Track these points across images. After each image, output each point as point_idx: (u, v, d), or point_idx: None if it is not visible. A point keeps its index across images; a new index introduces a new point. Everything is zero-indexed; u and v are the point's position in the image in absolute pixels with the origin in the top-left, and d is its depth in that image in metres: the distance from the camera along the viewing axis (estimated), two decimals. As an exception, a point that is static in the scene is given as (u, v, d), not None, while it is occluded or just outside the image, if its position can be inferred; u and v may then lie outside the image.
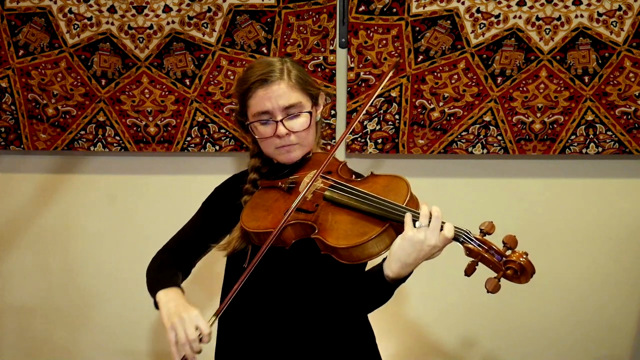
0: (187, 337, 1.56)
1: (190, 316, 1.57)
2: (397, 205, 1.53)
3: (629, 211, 2.81)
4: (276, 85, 1.70)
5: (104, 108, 2.72)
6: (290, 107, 1.70)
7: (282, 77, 1.71)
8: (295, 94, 1.71)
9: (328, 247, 1.54)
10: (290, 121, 1.71)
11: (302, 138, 1.73)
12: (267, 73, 1.70)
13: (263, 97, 1.70)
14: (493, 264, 1.46)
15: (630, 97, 2.67)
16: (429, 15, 2.63)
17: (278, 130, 1.70)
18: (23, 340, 2.91)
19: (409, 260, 1.50)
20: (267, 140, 1.73)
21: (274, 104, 1.69)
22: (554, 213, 2.82)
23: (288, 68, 1.73)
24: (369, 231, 1.52)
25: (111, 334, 2.88)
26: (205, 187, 2.81)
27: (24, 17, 2.68)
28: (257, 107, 1.71)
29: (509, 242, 1.47)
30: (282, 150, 1.73)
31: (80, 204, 2.84)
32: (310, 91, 1.75)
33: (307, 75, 1.78)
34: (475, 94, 2.68)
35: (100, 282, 2.86)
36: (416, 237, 1.47)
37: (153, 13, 2.67)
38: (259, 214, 1.68)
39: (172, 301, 1.64)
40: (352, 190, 1.60)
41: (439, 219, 1.49)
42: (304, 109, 1.72)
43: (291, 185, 1.71)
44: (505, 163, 2.79)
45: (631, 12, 2.62)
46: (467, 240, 1.48)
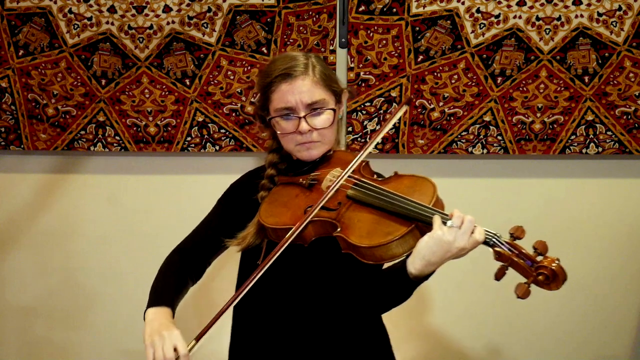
0: (164, 356, 1.56)
1: (170, 335, 1.58)
2: (424, 206, 1.51)
3: (629, 211, 2.81)
4: (300, 81, 1.66)
5: (104, 108, 2.72)
6: (313, 104, 1.67)
7: (307, 73, 1.67)
8: (319, 90, 1.68)
9: (350, 246, 1.52)
10: (313, 118, 1.68)
11: (324, 136, 1.70)
12: (292, 67, 1.67)
13: (286, 92, 1.67)
14: (523, 269, 1.44)
15: (630, 97, 2.67)
16: (429, 15, 2.63)
17: (300, 126, 1.67)
18: (23, 340, 2.91)
19: (434, 259, 1.48)
20: (288, 136, 1.70)
21: (298, 99, 1.66)
22: (553, 213, 2.82)
23: (313, 63, 1.69)
24: (393, 231, 1.50)
25: (111, 334, 2.88)
26: (205, 187, 2.82)
27: (24, 17, 2.68)
28: (280, 101, 1.68)
29: (540, 248, 1.46)
30: (303, 147, 1.70)
31: (80, 204, 2.84)
32: (334, 88, 1.72)
33: (331, 71, 1.74)
34: (475, 94, 2.68)
35: (100, 282, 2.86)
36: (445, 237, 1.46)
37: (153, 13, 2.67)
38: (277, 209, 1.66)
39: (157, 320, 1.65)
40: (377, 189, 1.58)
41: (472, 222, 1.47)
42: (328, 106, 1.69)
43: (312, 182, 1.69)
44: (505, 163, 2.79)
45: (631, 12, 2.62)
46: (497, 244, 1.47)
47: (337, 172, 1.67)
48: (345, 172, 1.61)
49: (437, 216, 1.48)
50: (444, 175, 2.78)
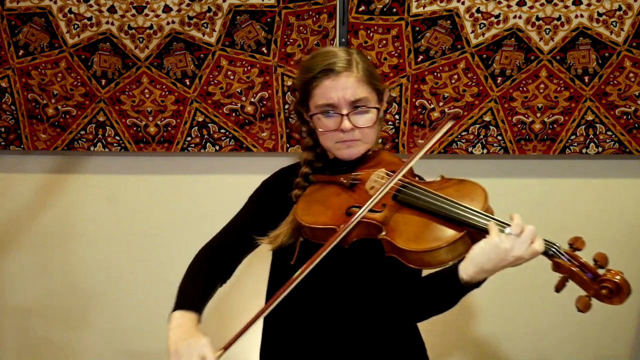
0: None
1: (197, 343, 1.50)
2: (477, 211, 1.46)
3: (629, 211, 2.81)
4: (344, 77, 1.62)
5: (104, 108, 2.72)
6: (356, 101, 1.63)
7: (351, 69, 1.63)
8: (362, 87, 1.63)
9: (396, 249, 1.48)
10: (355, 116, 1.63)
11: (365, 134, 1.66)
12: (335, 63, 1.63)
13: (329, 88, 1.62)
14: (584, 282, 1.41)
15: (630, 97, 2.67)
16: (429, 15, 2.63)
17: (343, 124, 1.62)
18: (23, 340, 2.91)
19: (488, 266, 1.44)
20: (328, 133, 1.66)
21: (341, 96, 1.62)
22: (553, 213, 2.82)
23: (356, 60, 1.65)
24: (444, 236, 1.45)
25: (111, 334, 2.88)
26: (205, 187, 2.82)
27: (24, 17, 2.68)
28: (322, 98, 1.64)
29: (600, 260, 1.43)
30: (343, 145, 1.66)
31: (80, 204, 2.84)
32: (377, 86, 1.68)
33: (373, 68, 1.70)
34: (475, 94, 2.68)
35: (100, 282, 2.86)
36: (502, 245, 1.41)
37: (153, 13, 2.67)
38: (316, 208, 1.61)
39: (182, 327, 1.56)
40: (427, 192, 1.54)
41: (533, 231, 1.43)
42: (370, 104, 1.65)
43: (354, 182, 1.64)
44: (505, 163, 2.79)
45: (631, 12, 2.62)
46: (556, 255, 1.44)
47: (382, 172, 1.63)
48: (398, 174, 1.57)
49: (492, 222, 1.44)
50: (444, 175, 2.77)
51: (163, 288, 2.87)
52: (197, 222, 2.83)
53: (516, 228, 1.43)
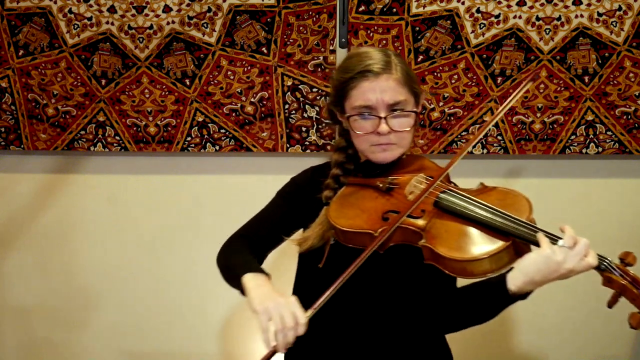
0: (283, 323, 1.42)
1: (287, 302, 1.44)
2: (525, 222, 1.43)
3: (629, 211, 2.81)
4: (383, 79, 1.59)
5: (104, 108, 2.72)
6: (395, 104, 1.60)
7: (391, 71, 1.59)
8: (401, 90, 1.60)
9: (436, 257, 1.44)
10: (393, 119, 1.59)
11: (401, 138, 1.62)
12: (374, 64, 1.59)
13: (368, 90, 1.58)
14: (636, 298, 1.40)
15: (630, 97, 2.67)
16: (429, 15, 2.63)
17: (380, 127, 1.59)
18: (23, 340, 2.91)
19: (538, 277, 1.41)
20: (364, 135, 1.62)
21: (379, 98, 1.58)
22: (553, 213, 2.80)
23: (395, 61, 1.61)
24: (488, 246, 1.42)
25: (111, 334, 2.88)
26: (205, 187, 2.82)
27: (24, 17, 2.68)
28: (360, 99, 1.60)
29: None
30: (378, 149, 1.62)
31: (80, 204, 2.84)
32: (415, 89, 1.64)
33: (412, 71, 1.67)
34: (475, 94, 2.68)
35: (100, 282, 2.86)
36: (555, 257, 1.39)
37: (153, 13, 2.67)
38: (350, 212, 1.57)
39: (264, 286, 1.50)
40: (469, 200, 1.50)
41: (587, 245, 1.40)
42: (408, 107, 1.62)
43: (391, 186, 1.60)
44: (505, 163, 2.79)
45: (631, 12, 2.62)
46: (608, 269, 1.42)
47: (422, 177, 1.60)
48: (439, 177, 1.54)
49: (541, 234, 1.41)
50: (444, 175, 2.77)
51: (163, 288, 2.89)
52: (197, 222, 2.83)
53: (569, 240, 1.40)
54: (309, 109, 2.69)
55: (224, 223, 2.80)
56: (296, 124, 2.70)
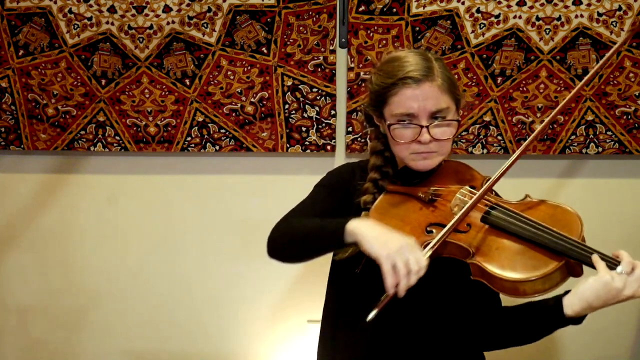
0: (408, 267, 1.36)
1: (408, 244, 1.39)
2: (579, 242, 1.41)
3: (629, 211, 2.81)
4: (427, 86, 1.53)
5: (104, 108, 2.72)
6: (437, 112, 1.54)
7: (434, 78, 1.54)
8: (444, 97, 1.55)
9: (487, 275, 1.41)
10: (435, 128, 1.54)
11: (442, 146, 1.58)
12: (417, 70, 1.53)
13: (410, 97, 1.53)
14: None
15: (630, 97, 2.67)
16: (429, 15, 2.63)
17: (422, 136, 1.54)
18: (22, 340, 2.91)
19: (596, 303, 1.41)
20: (404, 144, 1.57)
21: (422, 106, 1.52)
22: (554, 213, 2.81)
23: (437, 67, 1.56)
24: (542, 266, 1.39)
25: (111, 334, 2.88)
26: (205, 187, 2.82)
27: (24, 17, 2.68)
28: (401, 107, 1.54)
29: None
30: (418, 157, 1.57)
31: (80, 204, 2.84)
32: (457, 95, 1.59)
33: (453, 76, 1.62)
34: (475, 94, 2.68)
35: (100, 282, 2.86)
36: (615, 284, 1.37)
37: (153, 13, 2.67)
38: (392, 222, 1.51)
39: (377, 227, 1.42)
40: (520, 217, 1.46)
41: None
42: (450, 115, 1.57)
43: (434, 197, 1.56)
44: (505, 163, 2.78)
45: (631, 12, 2.62)
46: None
47: (466, 190, 1.57)
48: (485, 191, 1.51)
49: (597, 256, 1.39)
50: (444, 175, 2.77)
51: (163, 288, 2.88)
52: (197, 222, 2.83)
53: (627, 266, 1.38)
54: (309, 109, 2.69)
55: (224, 223, 2.83)
56: (296, 124, 2.70)
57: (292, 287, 2.80)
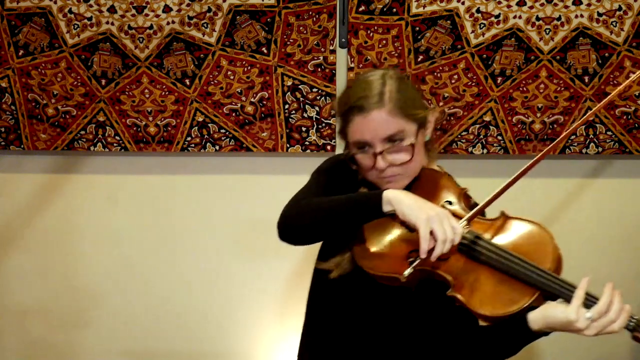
0: (445, 234, 1.40)
1: (445, 212, 1.43)
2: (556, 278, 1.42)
3: (629, 211, 2.81)
4: (375, 114, 1.52)
5: (104, 108, 2.72)
6: (391, 137, 1.53)
7: (382, 104, 1.52)
8: (397, 121, 1.53)
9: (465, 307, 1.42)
10: (391, 154, 1.54)
11: (406, 168, 1.57)
12: (365, 98, 1.53)
13: (361, 126, 1.53)
14: None
15: (630, 97, 2.67)
16: (429, 15, 2.63)
17: (377, 164, 1.53)
18: (23, 340, 2.91)
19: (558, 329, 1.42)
20: (367, 170, 1.57)
21: (373, 134, 1.52)
22: (553, 213, 2.81)
23: (390, 90, 1.54)
24: (519, 299, 1.41)
25: (111, 334, 2.88)
26: (205, 187, 2.82)
27: (24, 17, 2.68)
28: (355, 135, 1.55)
29: None
30: (384, 181, 1.57)
31: (80, 204, 2.84)
32: (415, 115, 1.56)
33: (413, 95, 1.60)
34: (475, 94, 2.68)
35: (100, 282, 2.86)
36: (577, 325, 1.38)
37: (153, 13, 2.67)
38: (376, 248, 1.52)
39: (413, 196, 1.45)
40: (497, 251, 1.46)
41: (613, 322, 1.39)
42: (407, 137, 1.54)
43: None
44: (505, 163, 2.78)
45: (631, 12, 2.62)
46: (637, 329, 1.41)
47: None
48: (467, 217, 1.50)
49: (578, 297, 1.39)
50: (444, 175, 2.77)
51: (163, 288, 2.88)
52: (197, 222, 2.83)
53: (596, 315, 1.39)
54: (309, 109, 2.69)
55: (224, 223, 2.83)
56: (296, 124, 2.70)
57: (292, 286, 2.80)
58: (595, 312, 1.39)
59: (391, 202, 1.44)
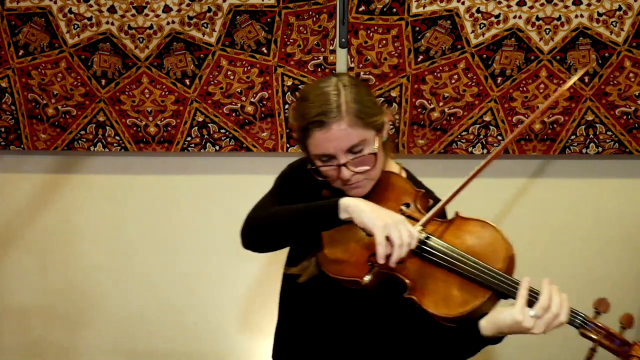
0: (401, 239, 1.43)
1: (402, 219, 1.46)
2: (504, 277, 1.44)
3: (629, 211, 2.81)
4: (335, 127, 1.53)
5: (104, 108, 2.72)
6: (353, 147, 1.55)
7: (341, 116, 1.53)
8: (357, 131, 1.55)
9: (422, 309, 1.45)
10: (354, 165, 1.56)
11: (370, 174, 1.60)
12: (325, 113, 1.53)
13: (323, 140, 1.54)
14: (613, 350, 1.43)
15: (630, 97, 2.67)
16: (429, 15, 2.63)
17: (342, 174, 1.56)
18: (23, 340, 2.91)
19: (507, 332, 1.46)
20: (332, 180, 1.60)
21: (336, 147, 1.54)
22: (553, 213, 2.82)
23: (347, 101, 1.54)
24: (471, 300, 1.44)
25: (111, 334, 2.88)
26: (205, 187, 2.82)
27: (24, 17, 2.68)
28: (317, 149, 1.56)
29: (625, 323, 1.47)
30: (350, 188, 1.60)
31: (80, 204, 2.84)
32: (374, 122, 1.58)
33: (369, 101, 1.60)
34: (475, 94, 2.68)
35: (100, 282, 2.86)
36: (524, 324, 1.42)
37: (153, 13, 2.67)
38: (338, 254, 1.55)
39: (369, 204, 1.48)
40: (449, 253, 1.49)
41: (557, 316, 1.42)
42: (368, 145, 1.57)
43: None
44: (505, 163, 2.79)
45: (631, 12, 2.62)
46: (583, 326, 1.45)
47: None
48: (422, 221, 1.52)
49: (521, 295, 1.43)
50: (444, 175, 2.77)
51: (163, 288, 2.88)
52: (197, 222, 2.83)
53: (540, 311, 1.42)
54: (309, 109, 2.69)
55: (224, 223, 2.83)
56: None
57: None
58: (539, 308, 1.42)
59: (348, 209, 1.47)
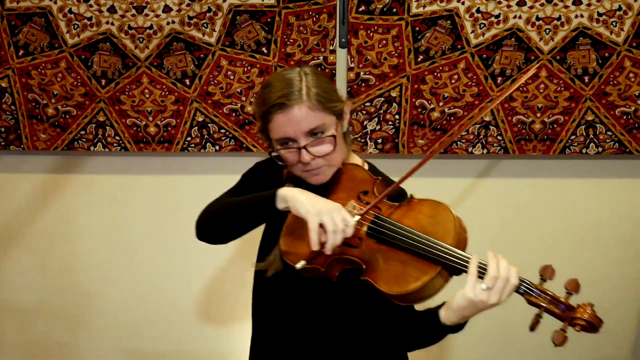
0: (335, 226, 1.46)
1: (336, 205, 1.49)
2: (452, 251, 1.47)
3: (629, 211, 2.81)
4: (296, 109, 1.56)
5: (104, 108, 2.72)
6: (313, 130, 1.58)
7: (302, 99, 1.57)
8: (317, 114, 1.58)
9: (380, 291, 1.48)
10: (314, 147, 1.59)
11: (330, 159, 1.62)
12: (286, 95, 1.57)
13: (283, 123, 1.58)
14: (557, 315, 1.46)
15: (630, 97, 2.67)
16: (429, 15, 2.63)
17: (302, 157, 1.58)
18: (23, 340, 2.91)
19: (468, 313, 1.49)
20: (292, 165, 1.63)
21: (296, 129, 1.57)
22: (554, 213, 2.81)
23: (308, 86, 1.58)
24: (421, 276, 1.46)
25: (111, 334, 2.88)
26: (205, 187, 2.82)
27: (24, 17, 2.68)
28: (278, 132, 1.59)
29: (571, 288, 1.47)
30: (310, 174, 1.62)
31: (80, 204, 2.84)
32: (334, 108, 1.62)
33: (329, 89, 1.64)
34: (475, 94, 2.68)
35: (100, 282, 2.86)
36: (478, 298, 1.45)
37: (153, 13, 2.67)
38: (296, 242, 1.57)
39: (306, 192, 1.52)
40: (398, 230, 1.51)
41: (507, 280, 1.45)
42: (328, 129, 1.60)
43: None
44: (505, 163, 2.79)
45: (631, 12, 2.62)
46: (528, 292, 1.47)
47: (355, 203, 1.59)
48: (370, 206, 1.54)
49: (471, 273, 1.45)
50: (444, 175, 2.78)
51: (163, 288, 2.89)
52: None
53: (490, 282, 1.45)
54: (309, 109, 2.69)
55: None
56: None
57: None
58: (488, 278, 1.45)
59: (285, 199, 1.51)
